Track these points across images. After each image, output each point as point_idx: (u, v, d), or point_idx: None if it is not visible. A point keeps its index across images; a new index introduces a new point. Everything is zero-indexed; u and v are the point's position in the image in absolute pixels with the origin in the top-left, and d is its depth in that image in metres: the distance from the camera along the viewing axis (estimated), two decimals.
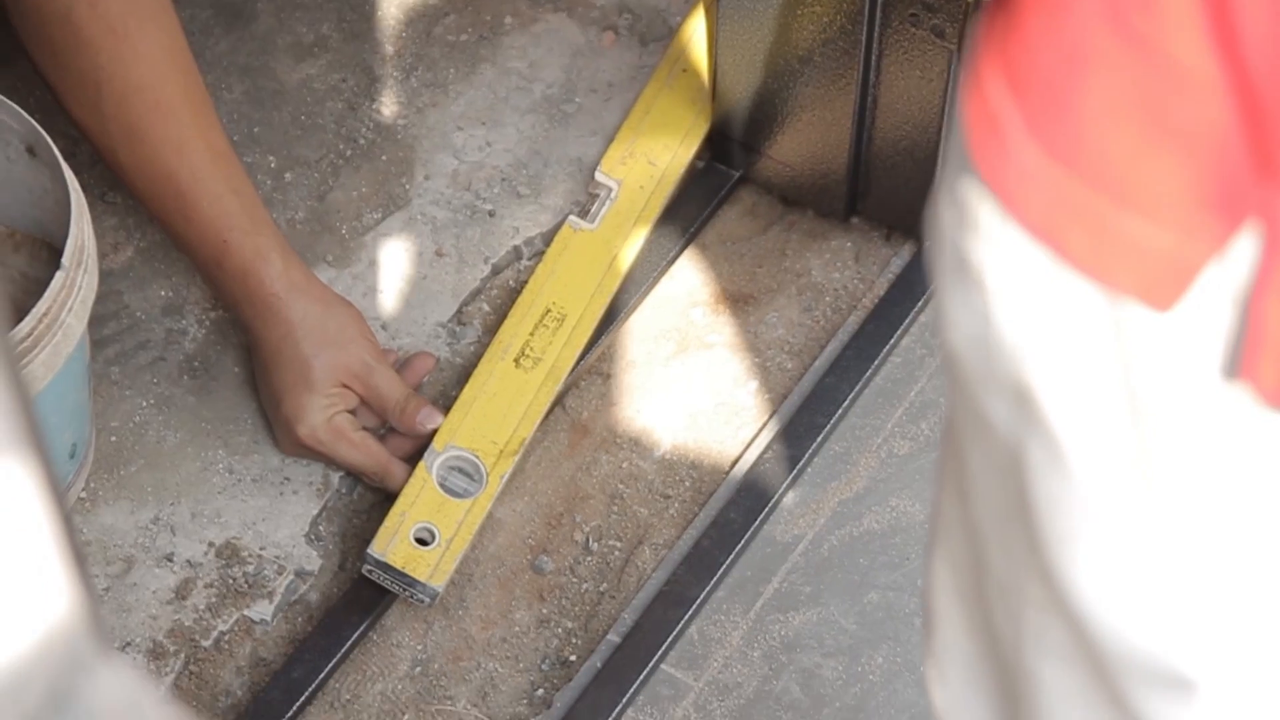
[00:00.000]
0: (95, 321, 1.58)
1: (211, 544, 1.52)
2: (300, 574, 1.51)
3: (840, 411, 1.58)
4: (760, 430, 1.59)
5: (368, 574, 1.48)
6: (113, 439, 1.56)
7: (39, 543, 0.56)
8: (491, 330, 1.63)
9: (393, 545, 1.48)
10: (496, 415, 1.55)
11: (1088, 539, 0.77)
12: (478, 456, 1.53)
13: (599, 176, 1.66)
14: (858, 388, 1.59)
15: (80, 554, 0.60)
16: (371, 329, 1.57)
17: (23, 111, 1.44)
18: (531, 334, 1.59)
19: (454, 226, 1.68)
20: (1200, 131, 0.66)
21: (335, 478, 1.55)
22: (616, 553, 1.54)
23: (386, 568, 1.47)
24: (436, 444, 1.52)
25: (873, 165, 1.61)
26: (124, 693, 0.53)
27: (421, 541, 1.48)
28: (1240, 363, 0.69)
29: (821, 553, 1.54)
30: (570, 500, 1.56)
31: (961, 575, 0.89)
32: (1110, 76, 0.67)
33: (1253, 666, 0.79)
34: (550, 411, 1.58)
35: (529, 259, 1.67)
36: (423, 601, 1.48)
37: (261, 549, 1.52)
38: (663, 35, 1.79)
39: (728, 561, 1.51)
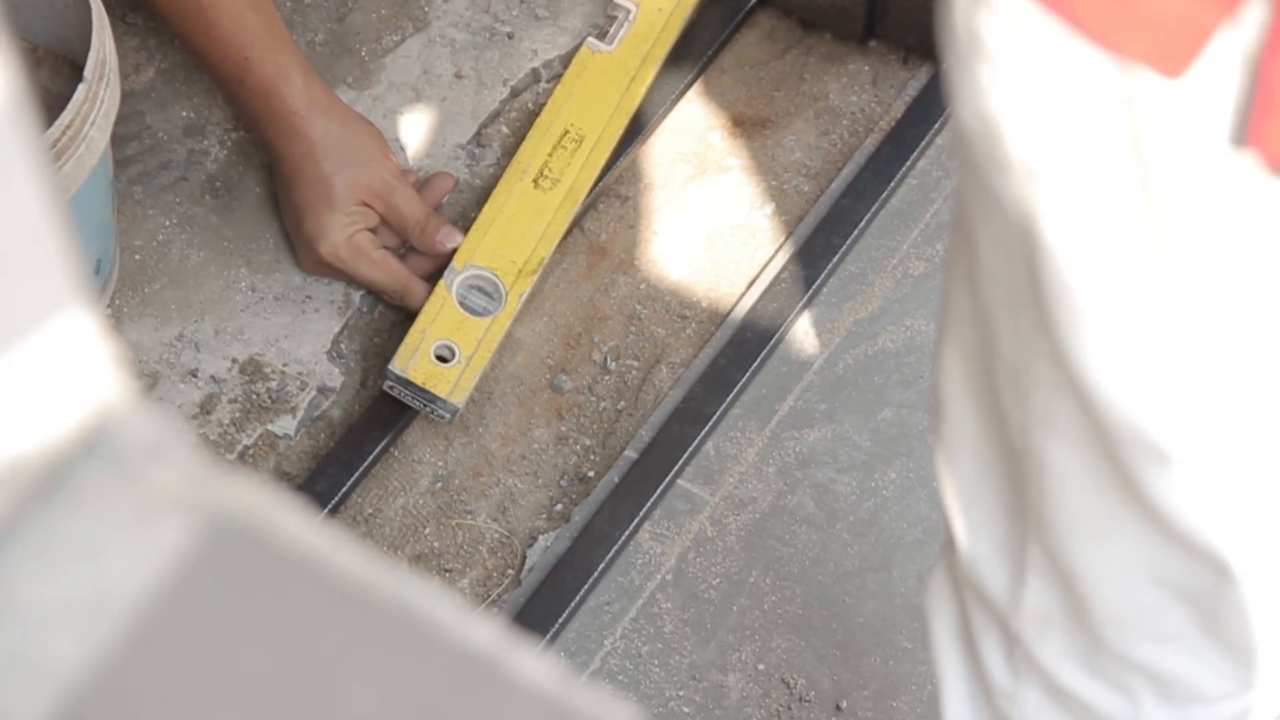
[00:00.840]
0: (118, 141, 1.59)
1: (235, 360, 1.54)
2: (323, 390, 1.53)
3: (856, 232, 1.59)
4: (776, 252, 1.60)
5: (389, 390, 1.50)
6: (136, 257, 1.57)
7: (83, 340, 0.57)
8: (510, 152, 1.64)
9: (414, 362, 1.49)
10: (515, 235, 1.56)
11: (1096, 314, 0.78)
12: (497, 275, 1.54)
13: None
14: (874, 209, 1.60)
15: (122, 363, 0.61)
16: (392, 149, 1.58)
17: None
18: (550, 155, 1.60)
19: (473, 49, 1.68)
20: None
21: (356, 296, 1.57)
22: (634, 372, 1.56)
23: (408, 384, 1.49)
24: (456, 263, 1.54)
25: None
26: (153, 434, 0.55)
27: (441, 359, 1.50)
28: (1248, 127, 0.69)
29: (836, 371, 1.56)
30: (588, 320, 1.58)
31: (970, 362, 0.91)
32: None
33: (1234, 440, 0.81)
34: (569, 233, 1.60)
35: (547, 81, 1.68)
36: (443, 418, 1.50)
37: (284, 365, 1.54)
38: None
39: (743, 380, 1.53)
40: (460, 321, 1.52)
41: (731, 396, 1.53)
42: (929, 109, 1.64)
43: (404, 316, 1.56)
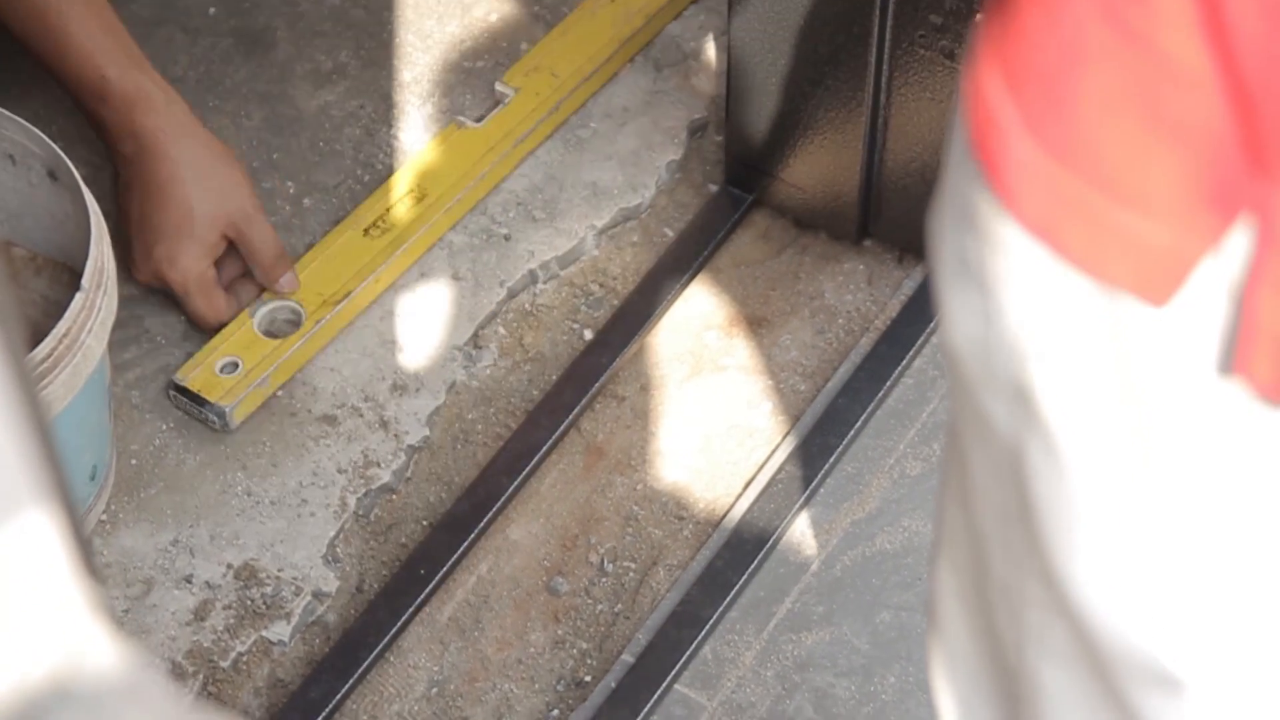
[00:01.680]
0: (116, 345, 1.59)
1: (230, 565, 1.53)
2: (318, 595, 1.52)
3: (853, 433, 1.59)
4: (773, 452, 1.60)
5: (172, 401, 1.58)
6: (133, 462, 1.57)
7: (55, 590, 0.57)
8: (509, 353, 1.64)
9: (195, 374, 1.58)
10: (330, 272, 1.64)
11: (1086, 536, 0.78)
12: (301, 305, 1.61)
13: (498, 86, 1.75)
14: (870, 409, 1.60)
15: (96, 571, 0.61)
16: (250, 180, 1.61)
17: (45, 137, 1.46)
18: (388, 210, 1.68)
19: (470, 251, 1.69)
20: (1194, 127, 0.67)
21: (352, 500, 1.56)
22: (631, 574, 1.55)
23: (184, 391, 1.57)
24: (266, 295, 1.62)
25: (884, 187, 1.62)
26: (128, 677, 0.54)
27: (227, 373, 1.58)
28: (1235, 357, 0.69)
29: (834, 573, 1.55)
30: (585, 522, 1.58)
31: (964, 579, 0.90)
32: (1105, 72, 0.67)
33: (1242, 665, 0.80)
34: (565, 433, 1.60)
35: (544, 282, 1.68)
36: (213, 423, 1.56)
37: (279, 570, 1.53)
38: (677, 61, 1.80)
39: (740, 582, 1.52)
40: (252, 340, 1.60)
41: (729, 599, 1.52)
42: (924, 308, 1.64)
43: (401, 510, 1.56)
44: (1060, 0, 0.68)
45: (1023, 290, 0.73)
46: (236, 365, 1.58)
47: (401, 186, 1.69)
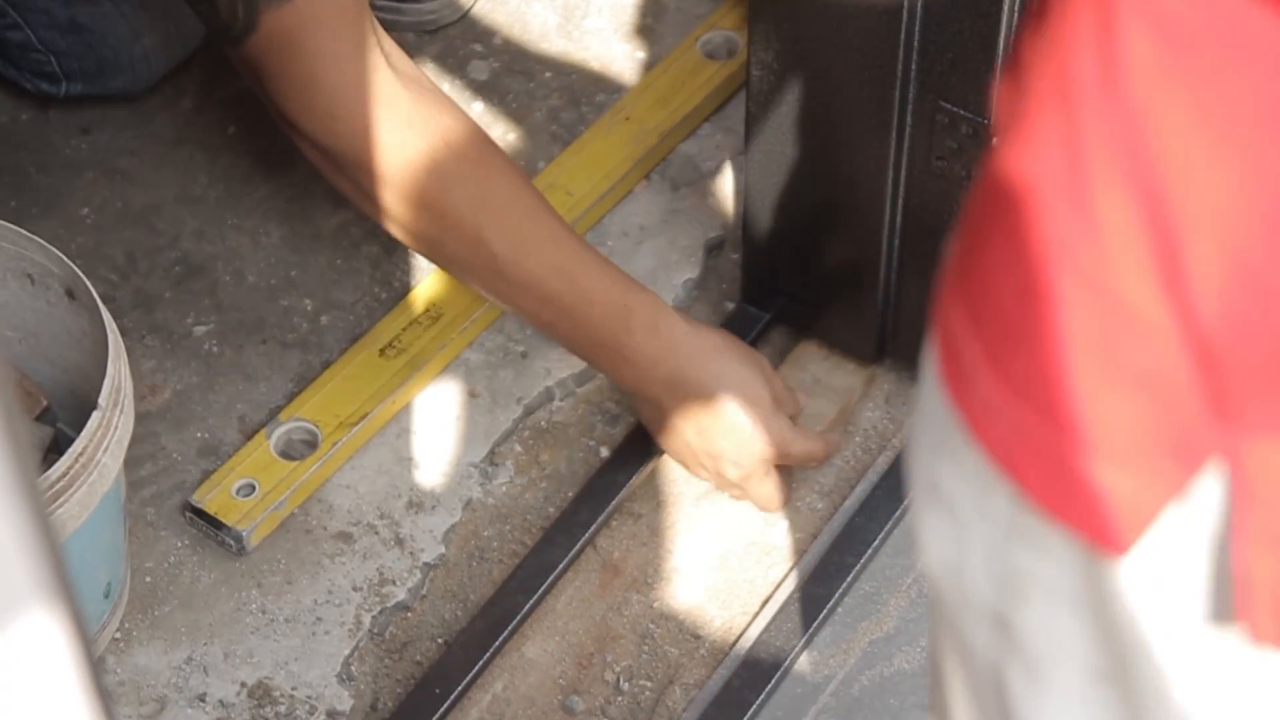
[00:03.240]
0: (131, 463, 1.59)
1: (244, 684, 1.52)
2: (332, 714, 1.51)
3: (870, 551, 1.58)
4: (790, 570, 1.59)
5: (188, 521, 1.58)
6: (147, 579, 1.57)
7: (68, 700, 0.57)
8: (525, 470, 1.64)
9: (211, 495, 1.57)
10: (347, 394, 1.64)
11: None
12: (317, 426, 1.61)
13: None
14: (887, 527, 1.59)
15: (108, 702, 0.61)
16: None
17: (63, 256, 1.47)
18: (404, 330, 1.68)
19: (486, 368, 1.70)
20: (1153, 375, 0.65)
21: (367, 618, 1.56)
22: (647, 693, 1.54)
23: (201, 513, 1.57)
24: (282, 416, 1.62)
25: (902, 307, 1.62)
26: None
27: (244, 496, 1.58)
28: (1234, 608, 0.67)
29: (852, 693, 1.54)
30: (601, 640, 1.57)
31: None
32: (1063, 314, 0.66)
33: None
34: (581, 551, 1.59)
35: (561, 400, 1.68)
36: (230, 546, 1.56)
37: (294, 689, 1.52)
38: (693, 180, 1.81)
39: (758, 702, 1.51)
40: (268, 462, 1.59)
41: (747, 719, 1.51)
42: None
43: (418, 634, 1.55)
44: (1019, 240, 0.67)
45: (994, 523, 0.72)
46: (253, 487, 1.58)
47: (417, 306, 1.69)
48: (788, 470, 1.61)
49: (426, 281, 1.72)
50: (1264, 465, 0.65)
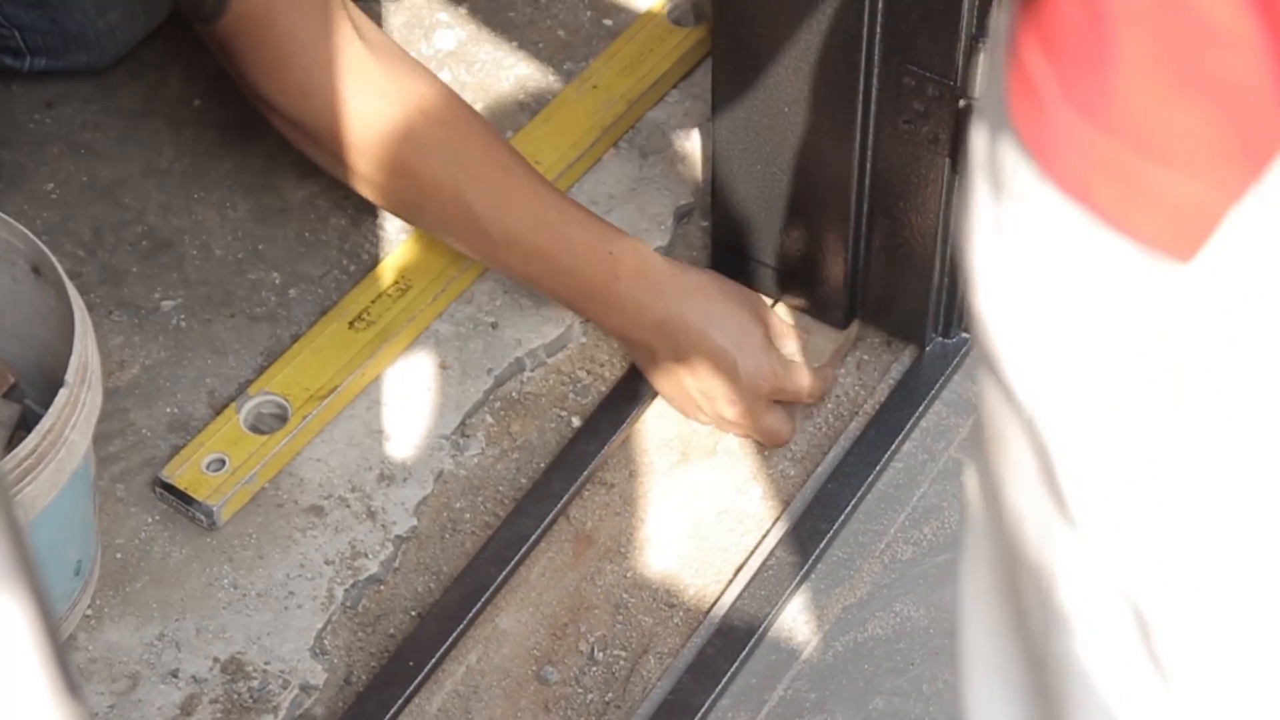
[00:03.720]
0: (100, 439, 1.59)
1: (217, 659, 1.52)
2: (305, 688, 1.51)
3: (843, 517, 1.58)
4: (764, 537, 1.59)
5: (158, 497, 1.57)
6: (118, 555, 1.56)
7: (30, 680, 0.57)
8: (497, 442, 1.64)
9: (181, 470, 1.57)
10: (316, 366, 1.63)
11: (1119, 493, 0.79)
12: (287, 399, 1.60)
13: None
14: (860, 493, 1.59)
15: (74, 682, 0.60)
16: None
17: (28, 232, 1.46)
18: (373, 302, 1.67)
19: (456, 339, 1.69)
20: (1228, 83, 0.69)
21: (340, 591, 1.55)
22: (621, 662, 1.54)
23: (171, 489, 1.56)
24: (251, 390, 1.61)
25: (872, 272, 1.62)
26: None
27: (214, 471, 1.57)
28: None
29: (826, 659, 1.54)
30: (575, 610, 1.57)
31: (991, 574, 0.91)
32: (1140, 36, 0.70)
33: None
34: (554, 521, 1.59)
35: (532, 370, 1.68)
36: (201, 521, 1.55)
37: (266, 664, 1.52)
38: (662, 148, 1.81)
39: (732, 669, 1.51)
40: (238, 437, 1.59)
41: (720, 687, 1.51)
42: (913, 392, 1.64)
43: (392, 607, 1.55)
44: None
45: (1062, 254, 0.75)
46: (223, 462, 1.57)
47: (386, 278, 1.68)
48: (790, 406, 1.61)
49: (395, 253, 1.71)
50: None
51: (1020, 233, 0.77)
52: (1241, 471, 0.77)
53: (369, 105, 1.50)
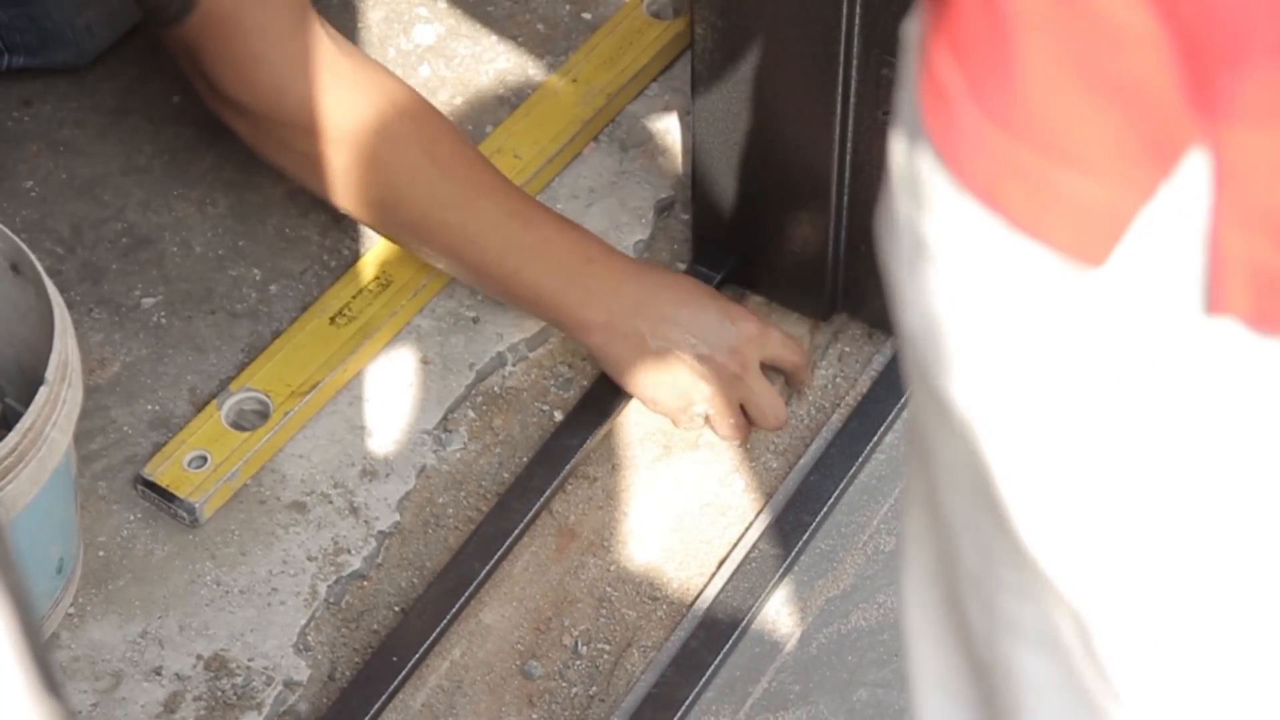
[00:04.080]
0: (82, 437, 1.58)
1: (200, 656, 1.52)
2: (289, 684, 1.51)
3: (825, 509, 1.58)
4: (747, 529, 1.59)
5: (140, 494, 1.57)
6: (100, 554, 1.56)
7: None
8: (479, 436, 1.64)
9: (163, 468, 1.56)
10: (297, 362, 1.63)
11: (1053, 500, 0.78)
12: (268, 396, 1.60)
13: None
14: (842, 485, 1.59)
15: (55, 680, 0.60)
16: None
17: (6, 230, 1.45)
18: (354, 298, 1.66)
19: (438, 334, 1.69)
20: (1133, 81, 0.69)
21: (323, 587, 1.55)
22: (605, 656, 1.54)
23: (153, 486, 1.56)
24: (232, 386, 1.61)
25: (853, 264, 1.62)
26: None
27: (196, 468, 1.57)
28: (1209, 296, 0.70)
29: (810, 651, 1.54)
30: (558, 604, 1.57)
31: (930, 584, 0.91)
32: (1040, 37, 0.69)
33: (1236, 626, 0.80)
34: (537, 515, 1.59)
35: (514, 364, 1.68)
36: (183, 519, 1.55)
37: (250, 660, 1.52)
38: (642, 141, 1.81)
39: (715, 662, 1.51)
40: (220, 434, 1.58)
41: (704, 680, 1.51)
42: (895, 384, 1.64)
43: (375, 603, 1.55)
44: None
45: (979, 262, 0.75)
46: (205, 459, 1.57)
47: (367, 273, 1.68)
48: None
49: (376, 249, 1.71)
50: (1243, 147, 0.68)
51: (939, 242, 0.76)
52: (1167, 474, 0.76)
53: (344, 99, 1.50)
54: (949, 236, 0.75)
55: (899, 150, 0.78)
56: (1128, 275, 0.72)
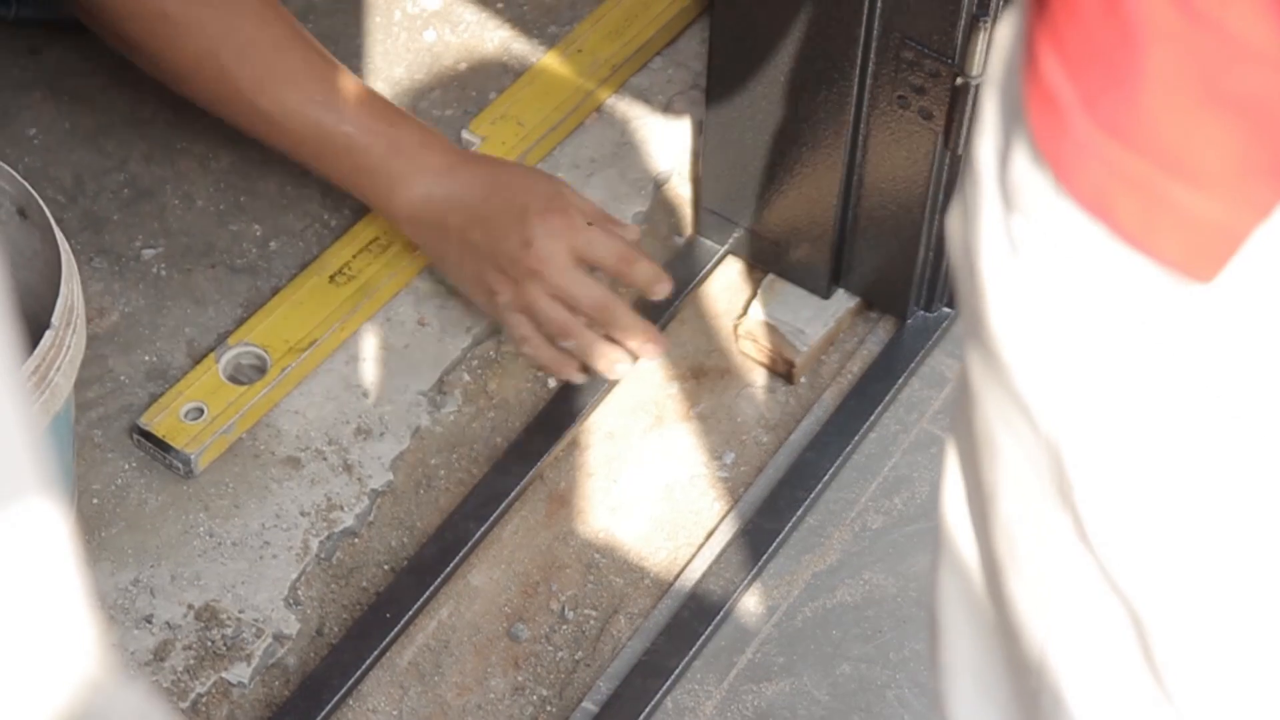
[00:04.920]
0: (79, 385, 1.59)
1: (191, 606, 1.53)
2: (278, 637, 1.52)
3: (820, 486, 1.60)
4: (736, 502, 1.61)
5: (136, 444, 1.57)
6: (94, 501, 1.57)
7: (61, 583, 0.58)
8: (473, 400, 1.65)
9: (160, 419, 1.57)
10: (296, 319, 1.63)
11: (1133, 508, 0.79)
12: (266, 351, 1.60)
13: (464, 134, 1.74)
14: (837, 463, 1.60)
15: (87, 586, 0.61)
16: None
17: (15, 174, 1.46)
18: (354, 257, 1.67)
19: (436, 297, 1.70)
20: (1255, 100, 0.69)
21: (314, 543, 1.56)
22: (592, 622, 1.56)
23: (149, 436, 1.56)
24: (230, 340, 1.61)
25: (856, 242, 1.63)
26: (138, 711, 0.55)
27: (192, 420, 1.57)
28: None
29: (795, 624, 1.55)
30: (547, 569, 1.58)
31: (975, 581, 0.91)
32: (1167, 52, 0.70)
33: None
34: (529, 483, 1.60)
35: None
36: (178, 469, 1.56)
37: (241, 612, 1.53)
38: (644, 114, 1.82)
39: (706, 632, 1.53)
40: (217, 387, 1.59)
41: (695, 649, 1.52)
42: (892, 363, 1.65)
43: (362, 562, 1.56)
44: None
45: (1075, 270, 0.75)
46: (201, 411, 1.58)
47: (368, 234, 1.69)
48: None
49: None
50: None
51: (1035, 248, 0.76)
52: (1258, 492, 0.77)
53: None
54: (1046, 242, 0.75)
55: (986, 151, 0.78)
56: (1234, 292, 0.72)
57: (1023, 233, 0.76)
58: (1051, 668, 0.88)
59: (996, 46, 0.79)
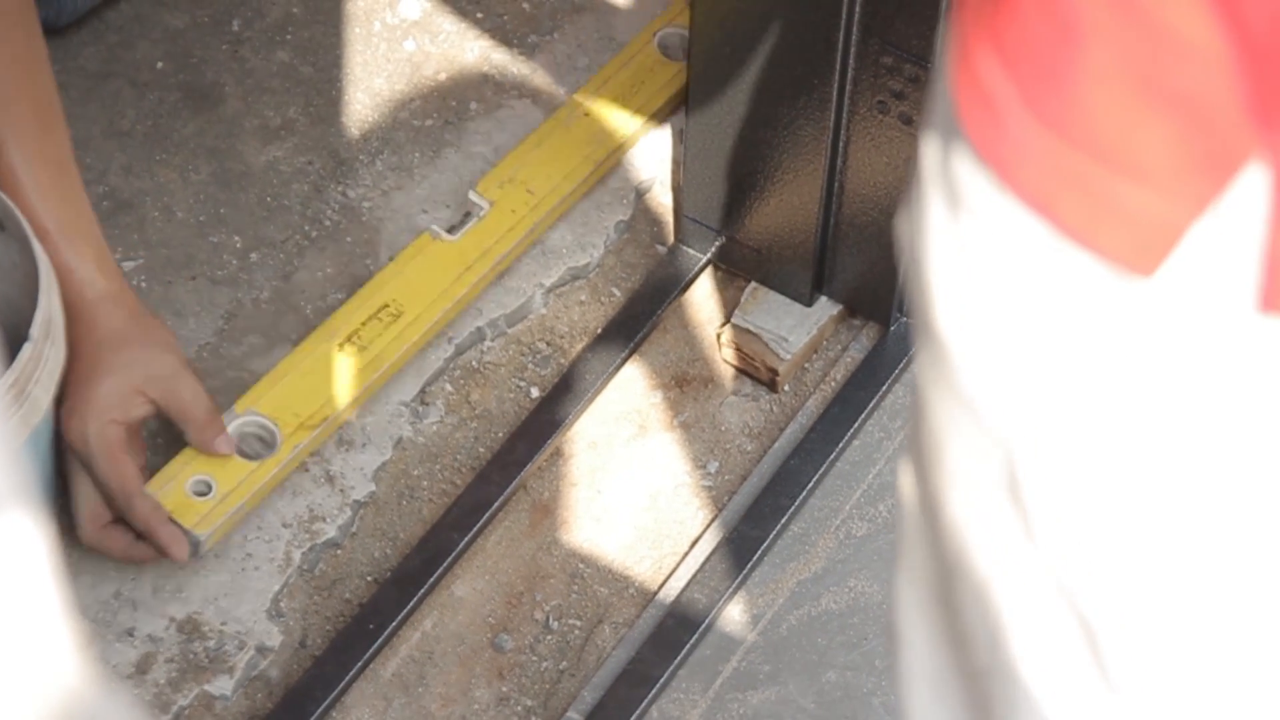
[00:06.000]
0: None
1: (173, 619, 1.52)
2: (261, 650, 1.51)
3: (804, 494, 1.59)
4: (721, 510, 1.60)
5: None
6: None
7: (41, 595, 0.57)
8: (456, 410, 1.64)
9: (166, 489, 1.51)
10: (306, 390, 1.58)
11: (1082, 504, 0.78)
12: (276, 424, 1.55)
13: (472, 195, 1.70)
14: (821, 470, 1.60)
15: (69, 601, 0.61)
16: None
17: None
18: (364, 324, 1.62)
19: None
20: (1192, 95, 0.69)
21: (297, 554, 1.55)
22: (576, 631, 1.55)
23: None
24: (238, 407, 1.55)
25: (838, 249, 1.63)
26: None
27: (200, 494, 1.51)
28: (1263, 297, 0.70)
29: (780, 632, 1.55)
30: (531, 579, 1.57)
31: (927, 587, 0.91)
32: (1104, 47, 0.69)
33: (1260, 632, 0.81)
34: (513, 493, 1.59)
35: (492, 340, 1.69)
36: (190, 547, 1.49)
37: (223, 624, 1.52)
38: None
39: (691, 641, 1.52)
40: (225, 460, 1.53)
41: (679, 658, 1.52)
42: (875, 370, 1.65)
43: (347, 571, 1.55)
44: None
45: (1020, 267, 0.75)
46: (209, 486, 1.52)
47: (377, 299, 1.63)
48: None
49: (384, 273, 1.65)
50: None
51: (979, 246, 0.76)
52: (1203, 484, 0.77)
53: None
54: (989, 240, 0.75)
55: (932, 151, 0.78)
56: (1176, 284, 0.72)
57: (967, 230, 0.76)
58: (1001, 671, 0.88)
59: (938, 50, 0.79)
